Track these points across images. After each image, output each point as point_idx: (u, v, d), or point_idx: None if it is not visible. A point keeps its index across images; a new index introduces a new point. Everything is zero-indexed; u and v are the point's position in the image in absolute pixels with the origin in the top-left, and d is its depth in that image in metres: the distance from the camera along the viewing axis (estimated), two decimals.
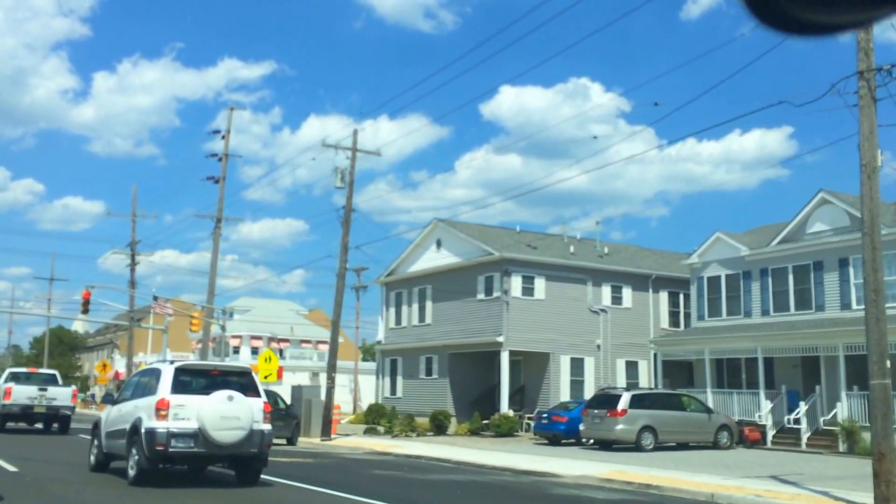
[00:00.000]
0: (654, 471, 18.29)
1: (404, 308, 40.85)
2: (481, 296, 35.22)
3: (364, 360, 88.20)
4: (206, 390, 13.74)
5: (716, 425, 26.03)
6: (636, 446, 24.42)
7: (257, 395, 14.22)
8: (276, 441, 28.23)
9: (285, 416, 28.64)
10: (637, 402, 25.07)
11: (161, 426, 13.07)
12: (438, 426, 33.02)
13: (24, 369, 32.79)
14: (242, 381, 14.36)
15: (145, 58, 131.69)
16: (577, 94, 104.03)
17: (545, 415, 28.13)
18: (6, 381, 27.76)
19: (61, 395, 26.64)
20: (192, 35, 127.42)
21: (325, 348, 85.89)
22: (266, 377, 33.86)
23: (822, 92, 13.24)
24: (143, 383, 14.80)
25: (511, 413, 32.55)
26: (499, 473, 18.65)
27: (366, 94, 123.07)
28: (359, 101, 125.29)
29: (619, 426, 24.60)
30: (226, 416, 13.32)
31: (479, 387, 37.14)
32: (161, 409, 13.22)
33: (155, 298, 59.73)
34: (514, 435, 31.60)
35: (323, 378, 62.13)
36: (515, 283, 34.10)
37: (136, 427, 13.42)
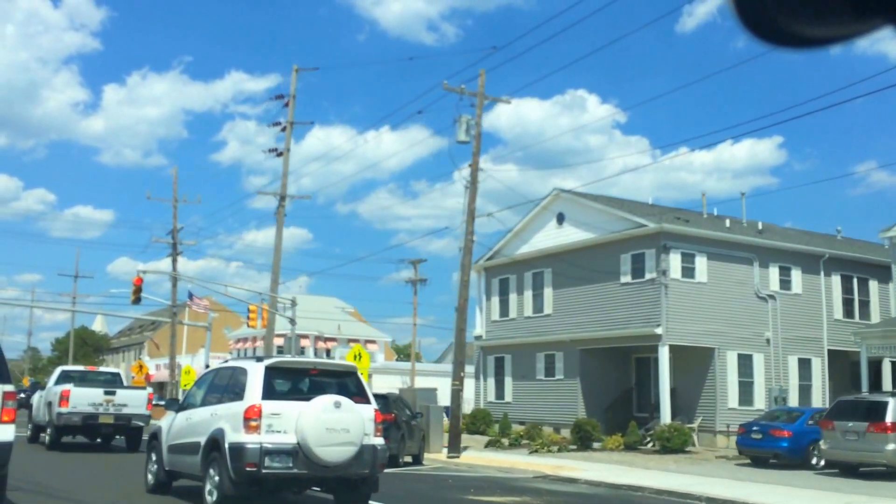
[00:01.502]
0: None
1: (512, 297, 34.45)
2: (626, 278, 28.76)
3: (398, 360, 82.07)
4: (304, 395, 11.27)
5: None
6: None
7: (366, 400, 11.57)
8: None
9: (414, 428, 22.32)
10: None
11: (252, 441, 10.55)
12: (583, 439, 26.60)
13: (79, 367, 26.64)
14: (347, 383, 11.68)
15: (154, 71, 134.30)
16: (574, 105, 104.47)
17: (756, 427, 21.60)
18: (58, 381, 21.49)
19: (134, 399, 20.21)
20: (200, 48, 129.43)
21: (374, 347, 79.47)
22: None
23: None
24: (221, 386, 12.17)
25: (680, 423, 26.03)
26: None
27: (368, 105, 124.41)
28: (362, 112, 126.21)
29: (892, 446, 18.10)
30: (332, 427, 10.76)
31: (612, 389, 30.70)
32: (251, 419, 10.65)
33: (190, 296, 54.15)
34: (686, 451, 25.10)
35: (376, 381, 55.92)
36: (674, 261, 27.61)
37: (215, 441, 10.95)
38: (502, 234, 35.50)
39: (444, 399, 46.24)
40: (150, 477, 13.32)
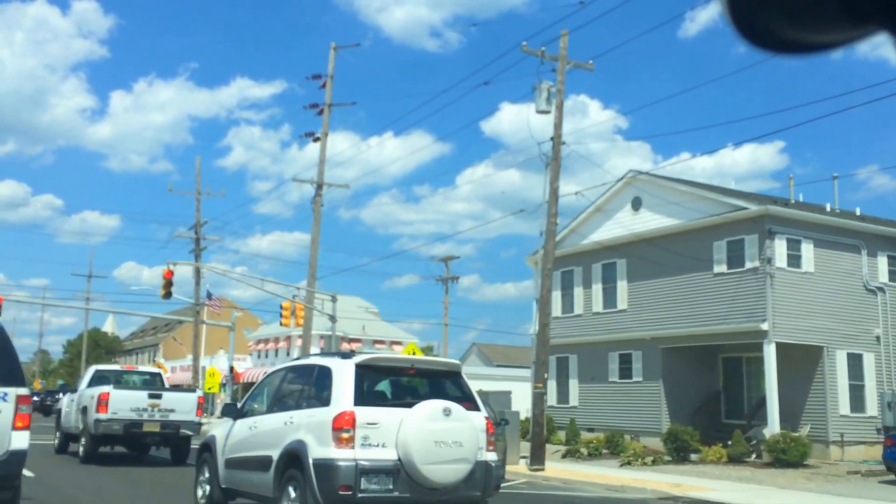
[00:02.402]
0: None
1: (577, 291, 31.32)
2: (721, 267, 25.57)
3: None
4: (403, 399, 9.48)
5: None
6: None
7: (475, 406, 9.67)
8: None
9: (500, 436, 19.22)
10: None
11: (344, 457, 8.50)
12: (678, 449, 23.43)
13: (114, 366, 23.60)
14: (449, 385, 9.78)
15: (160, 77, 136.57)
16: (577, 110, 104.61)
17: None
18: (93, 383, 18.40)
19: (182, 404, 17.05)
20: (205, 55, 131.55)
21: (399, 349, 76.44)
22: None
23: None
24: (296, 388, 10.31)
25: (799, 433, 22.82)
26: None
27: (374, 111, 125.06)
28: (366, 119, 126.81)
29: None
30: (442, 440, 8.80)
31: (697, 393, 27.52)
32: (342, 430, 8.59)
33: (209, 296, 51.56)
34: (805, 465, 21.90)
35: None
36: (779, 248, 24.42)
37: (294, 456, 8.95)
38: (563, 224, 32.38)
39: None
40: (200, 496, 11.44)
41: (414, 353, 29.99)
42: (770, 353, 23.70)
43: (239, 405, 11.20)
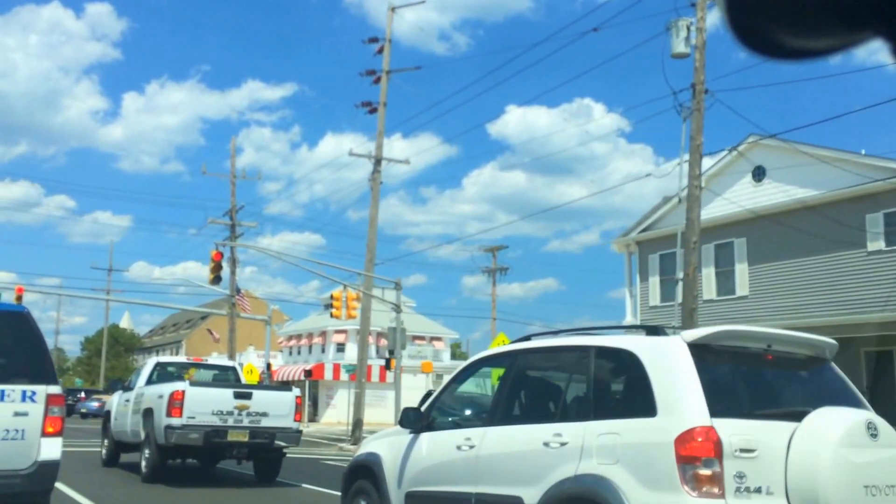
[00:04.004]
0: None
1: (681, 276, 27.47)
2: (876, 245, 21.73)
3: (454, 360, 75.56)
4: (768, 406, 5.73)
5: None
6: None
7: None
8: None
9: None
10: None
11: None
12: None
13: (179, 358, 19.94)
14: (816, 381, 6.34)
15: (172, 80, 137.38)
16: (581, 113, 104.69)
17: None
18: (154, 378, 14.75)
19: (276, 405, 13.07)
20: (217, 58, 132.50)
21: (440, 346, 72.52)
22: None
23: None
24: (559, 385, 6.58)
25: None
26: None
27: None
28: (372, 120, 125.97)
29: None
30: (873, 483, 5.06)
31: None
32: (699, 462, 4.82)
33: (238, 290, 48.39)
34: None
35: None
36: None
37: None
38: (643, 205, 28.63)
39: None
40: None
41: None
42: None
43: (423, 409, 7.15)
